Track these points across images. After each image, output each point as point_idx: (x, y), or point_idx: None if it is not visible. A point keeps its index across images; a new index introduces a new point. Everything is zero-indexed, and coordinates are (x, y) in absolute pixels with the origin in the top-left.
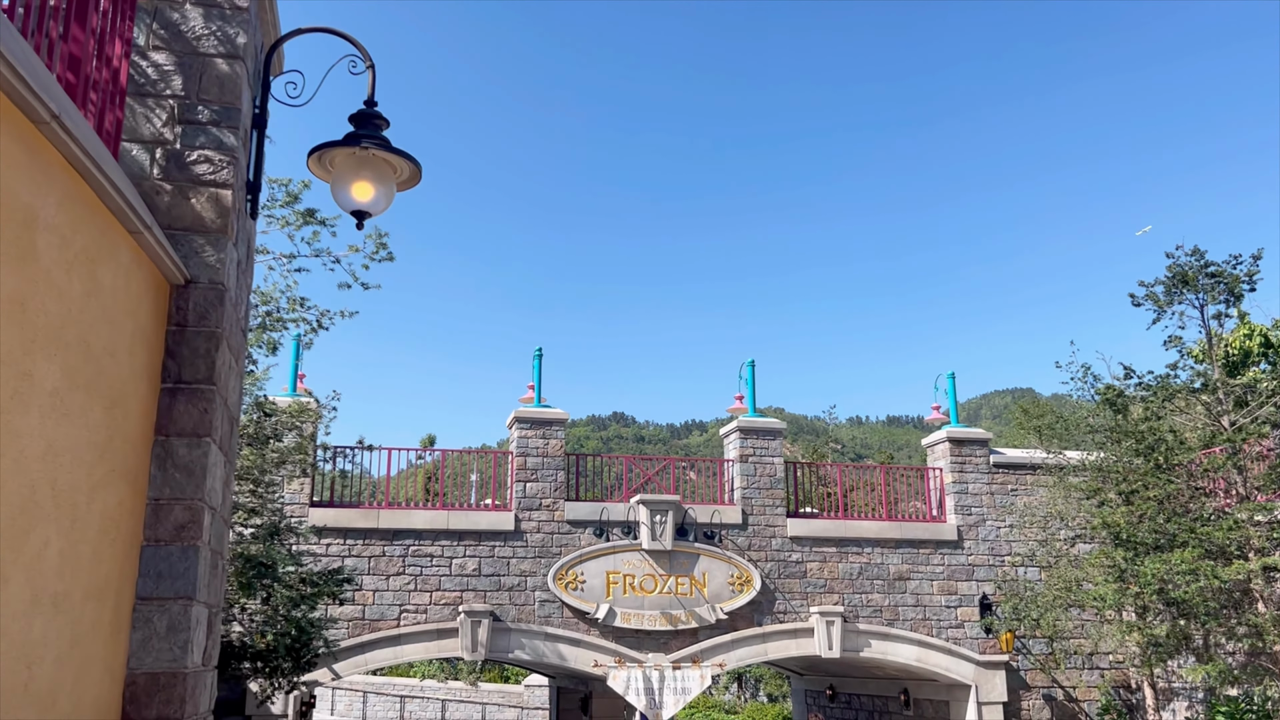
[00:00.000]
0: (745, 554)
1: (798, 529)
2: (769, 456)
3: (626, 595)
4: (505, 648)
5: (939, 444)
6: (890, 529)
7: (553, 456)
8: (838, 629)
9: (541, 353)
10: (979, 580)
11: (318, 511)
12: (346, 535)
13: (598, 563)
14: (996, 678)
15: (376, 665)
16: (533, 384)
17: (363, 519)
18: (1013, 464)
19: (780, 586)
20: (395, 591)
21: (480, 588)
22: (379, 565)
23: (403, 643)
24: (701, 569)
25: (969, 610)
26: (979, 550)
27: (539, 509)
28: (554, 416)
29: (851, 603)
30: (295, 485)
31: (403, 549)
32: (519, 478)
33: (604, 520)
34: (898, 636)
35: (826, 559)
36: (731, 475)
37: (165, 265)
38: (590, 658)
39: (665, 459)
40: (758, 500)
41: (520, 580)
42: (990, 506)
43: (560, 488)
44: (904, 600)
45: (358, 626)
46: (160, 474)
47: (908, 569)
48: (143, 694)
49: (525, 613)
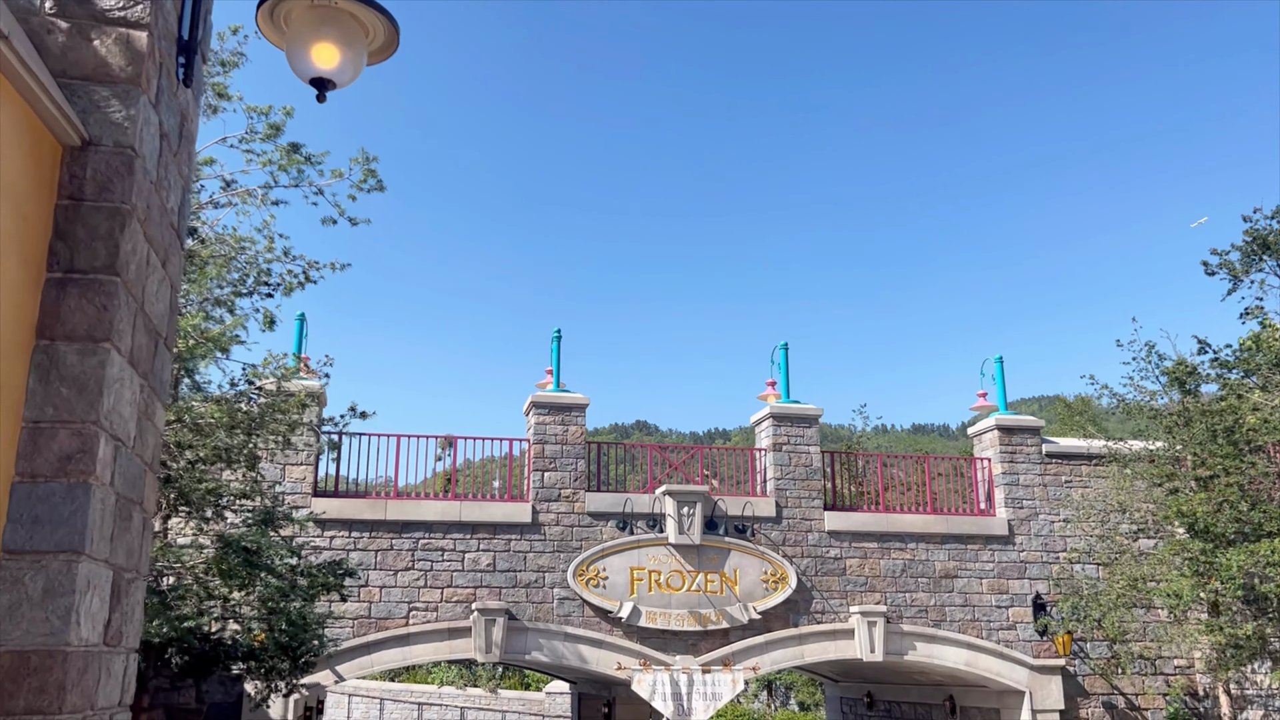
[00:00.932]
0: (779, 549)
1: (836, 523)
2: (804, 445)
3: (652, 593)
4: (522, 649)
5: (986, 432)
6: (936, 523)
7: (572, 444)
8: (880, 630)
9: (560, 335)
10: (1031, 578)
11: (321, 501)
12: (351, 527)
13: (621, 558)
14: (1052, 683)
15: (383, 667)
16: (551, 368)
17: (369, 510)
18: (1066, 454)
19: (817, 584)
20: (404, 588)
21: (495, 584)
22: (386, 560)
23: (412, 643)
24: (732, 565)
25: (1021, 610)
26: (1031, 546)
27: (558, 500)
28: (573, 401)
29: (894, 602)
30: (298, 473)
31: (412, 542)
32: (536, 467)
33: (627, 512)
34: (945, 639)
35: (867, 555)
36: (764, 465)
37: (54, 120)
38: (613, 660)
39: (693, 447)
40: (792, 492)
41: (538, 576)
42: (1043, 499)
43: (580, 477)
44: (951, 600)
45: (363, 625)
46: (41, 388)
47: (955, 566)
48: (8, 678)
49: (543, 611)
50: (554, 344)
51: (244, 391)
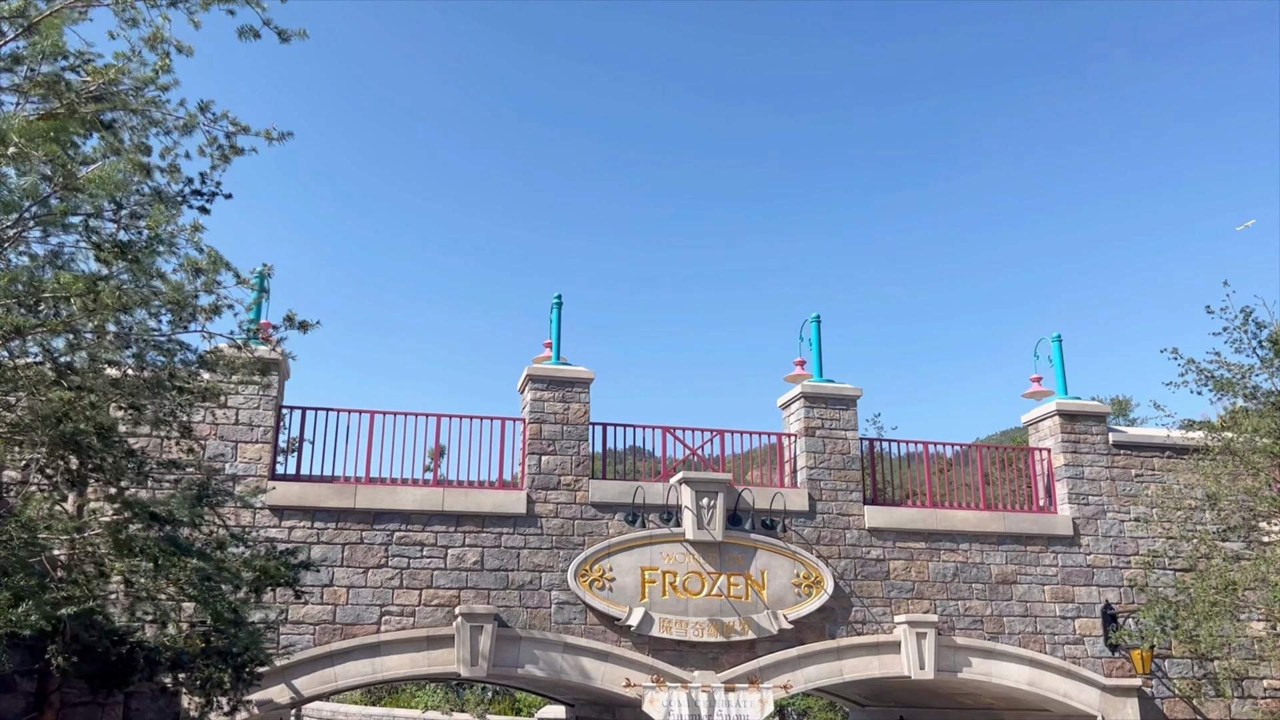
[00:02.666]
0: (813, 548)
1: (878, 519)
2: (841, 430)
3: (666, 597)
4: (513, 661)
5: (1045, 419)
6: (991, 520)
7: (574, 424)
8: (930, 643)
9: (560, 301)
10: (1100, 585)
11: (279, 486)
12: (314, 516)
13: (630, 556)
14: (1128, 707)
15: (349, 682)
16: (550, 341)
17: (335, 496)
18: (1137, 444)
19: (857, 589)
20: (375, 588)
21: (483, 585)
22: (355, 555)
23: (383, 653)
24: (759, 566)
25: (1089, 622)
26: (1099, 548)
27: (557, 488)
28: (576, 376)
29: (945, 611)
30: (252, 452)
31: (386, 535)
32: (532, 450)
33: (638, 503)
34: (1004, 654)
35: (914, 556)
36: (794, 453)
37: None
38: (620, 675)
39: (714, 430)
40: (827, 483)
41: (533, 576)
42: (1111, 495)
43: (583, 463)
44: (1009, 609)
45: (326, 632)
46: None
47: (1013, 570)
48: None
49: (539, 617)
50: (554, 311)
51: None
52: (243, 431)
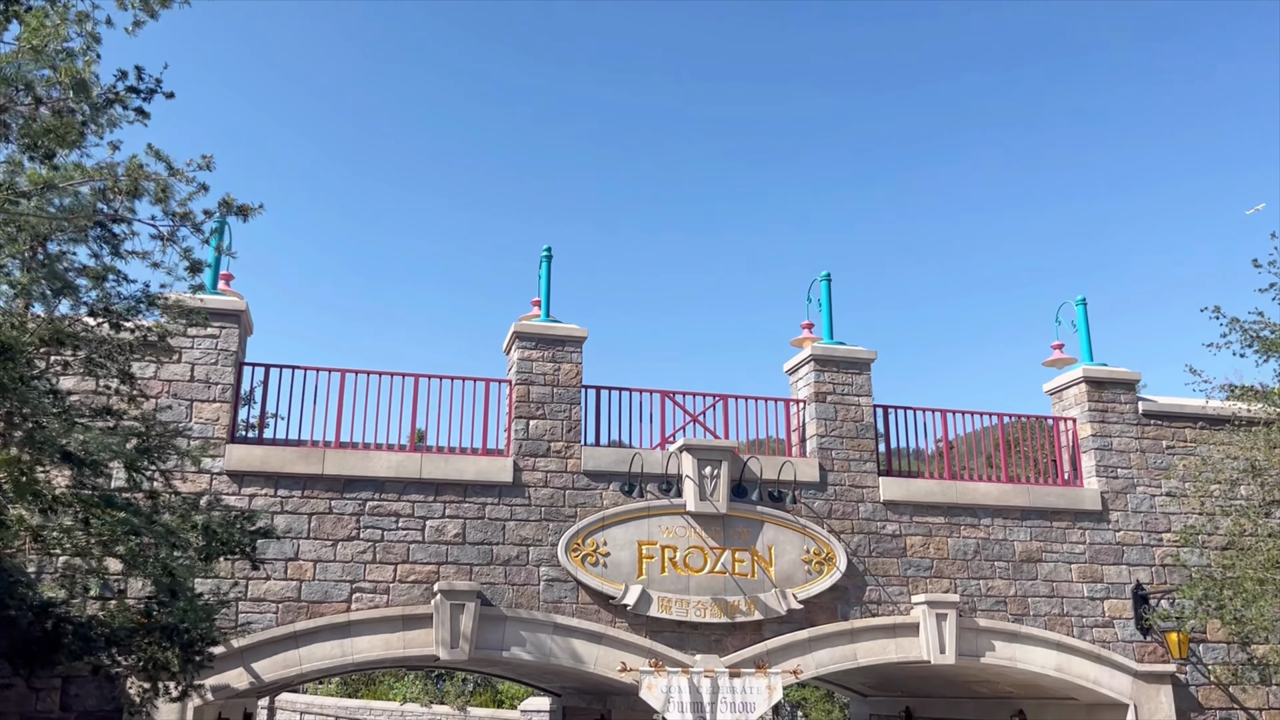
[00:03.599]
0: (824, 522)
1: (893, 491)
2: (854, 395)
3: (665, 574)
4: (498, 643)
5: (1071, 386)
6: (1015, 494)
7: (565, 387)
8: (950, 625)
9: (550, 255)
10: (1130, 564)
11: (239, 450)
12: (278, 483)
13: (626, 529)
14: (1161, 695)
15: (316, 665)
16: (538, 299)
17: (302, 461)
18: (1168, 414)
19: (871, 567)
20: (345, 563)
21: (464, 560)
22: (323, 526)
23: (354, 634)
24: (766, 540)
25: (1119, 603)
26: (1129, 524)
27: (546, 455)
28: (567, 334)
29: (966, 590)
30: (209, 412)
31: (357, 505)
32: (519, 413)
33: (635, 472)
34: (1029, 637)
35: (932, 532)
36: (803, 420)
37: None
38: (615, 659)
39: (717, 395)
40: (839, 452)
41: (520, 551)
42: (1141, 468)
43: (575, 428)
44: (1035, 589)
45: (290, 610)
46: None
47: (1038, 547)
48: None
49: (526, 595)
50: (543, 266)
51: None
52: (198, 389)
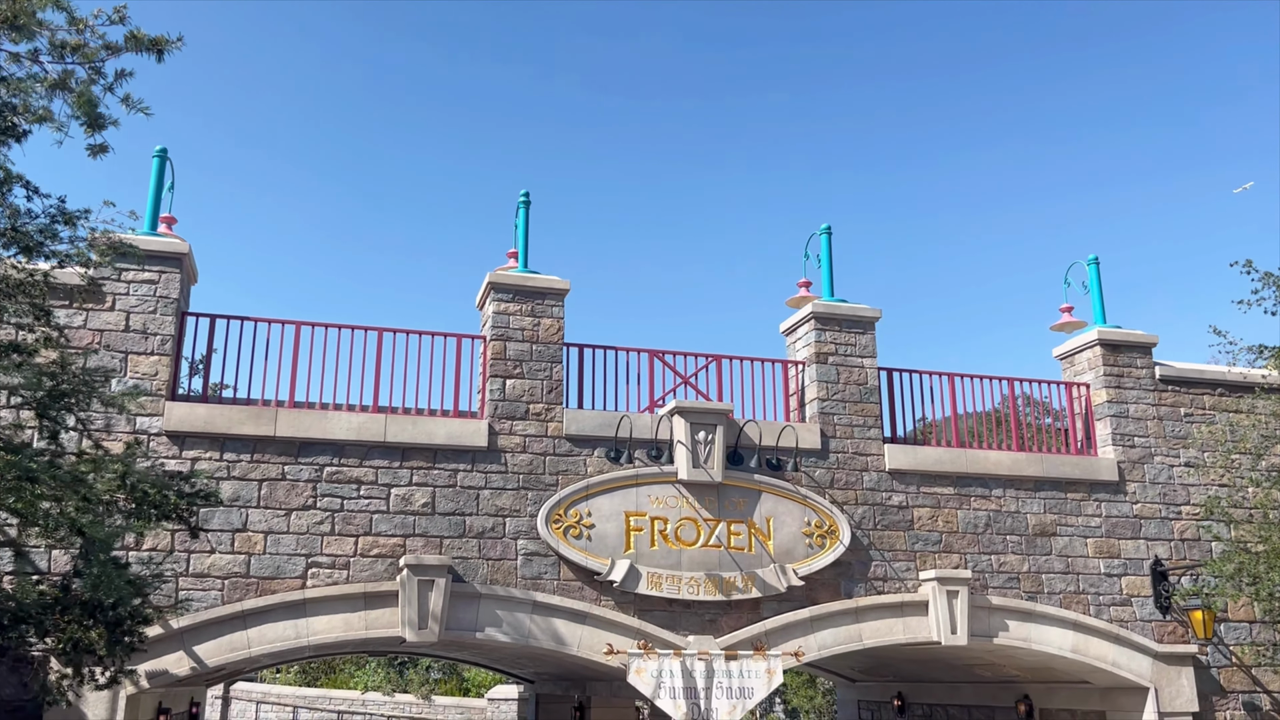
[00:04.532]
0: (826, 492)
1: (900, 459)
2: (857, 356)
3: (655, 548)
4: (471, 624)
5: (1084, 350)
6: (1028, 463)
7: (546, 344)
8: (962, 604)
9: (528, 200)
10: (1148, 538)
11: (180, 408)
12: (225, 445)
13: (612, 499)
14: (1183, 677)
15: (267, 649)
16: (515, 250)
17: (251, 421)
18: (1186, 379)
19: (876, 540)
20: (300, 535)
21: (434, 532)
22: (276, 494)
23: (309, 613)
24: (764, 512)
25: (1137, 580)
26: (1147, 496)
27: (525, 417)
28: (548, 285)
29: (976, 566)
30: (147, 365)
31: (314, 470)
32: (495, 372)
33: (623, 437)
34: (1044, 616)
35: (940, 503)
36: (802, 383)
37: None
38: (600, 640)
39: (710, 355)
40: (842, 418)
41: (495, 522)
42: (1159, 436)
43: (556, 389)
44: (1049, 564)
45: (238, 587)
46: None
47: (1053, 520)
48: None
49: (502, 571)
50: (520, 213)
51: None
52: (134, 340)
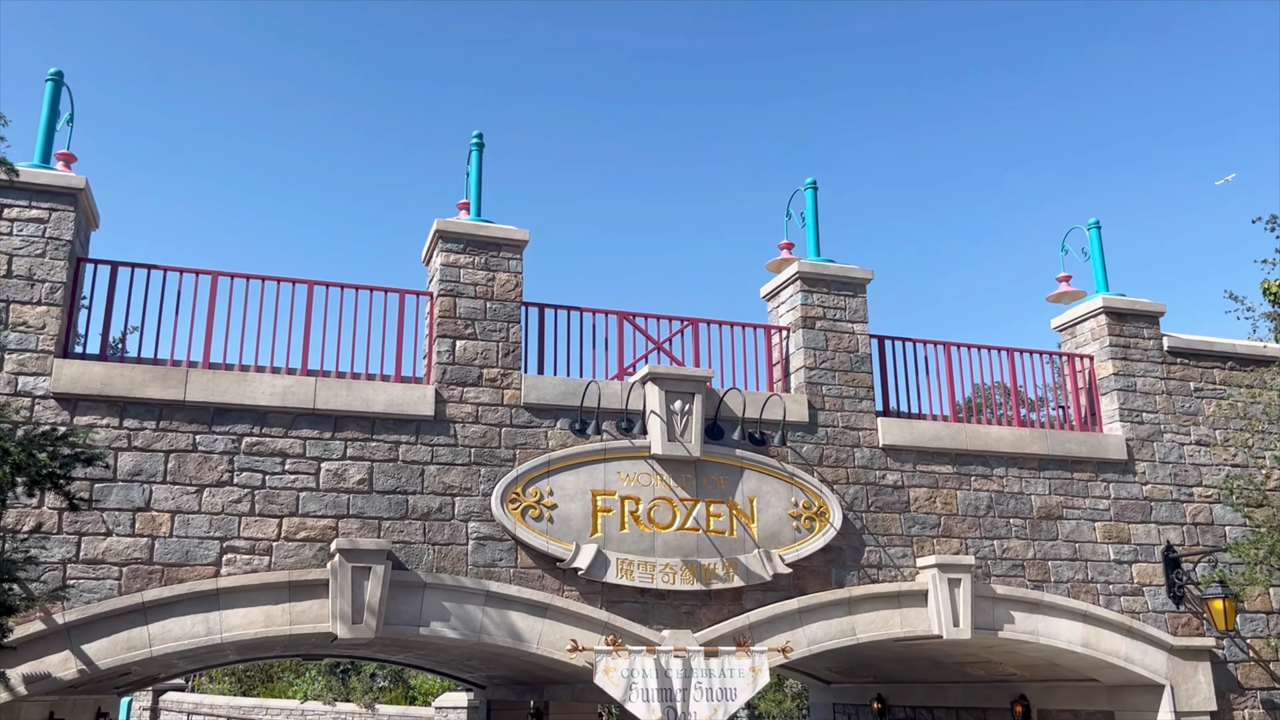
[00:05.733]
0: (815, 470)
1: (894, 434)
2: (847, 321)
3: (625, 531)
4: (414, 618)
5: (1087, 319)
6: (1031, 439)
7: (502, 301)
8: (965, 593)
9: (482, 143)
10: (1159, 522)
11: (71, 367)
12: (125, 411)
13: (577, 475)
14: (1200, 673)
15: (172, 647)
16: (466, 202)
17: (158, 383)
18: (1195, 351)
19: (870, 524)
20: (214, 515)
21: (371, 512)
22: (185, 468)
23: (224, 605)
24: (747, 491)
25: (1148, 568)
26: (1157, 476)
27: (477, 383)
28: (504, 236)
29: (979, 552)
30: (33, 316)
31: (230, 441)
32: (444, 331)
33: (589, 406)
34: (1052, 606)
35: (938, 483)
36: (787, 350)
37: None
38: (563, 636)
39: (685, 319)
40: (831, 389)
41: (443, 502)
42: (1168, 412)
43: (514, 352)
44: (1055, 550)
45: (139, 575)
46: None
47: (1058, 502)
48: None
49: (450, 557)
50: (472, 155)
51: None
52: (18, 287)
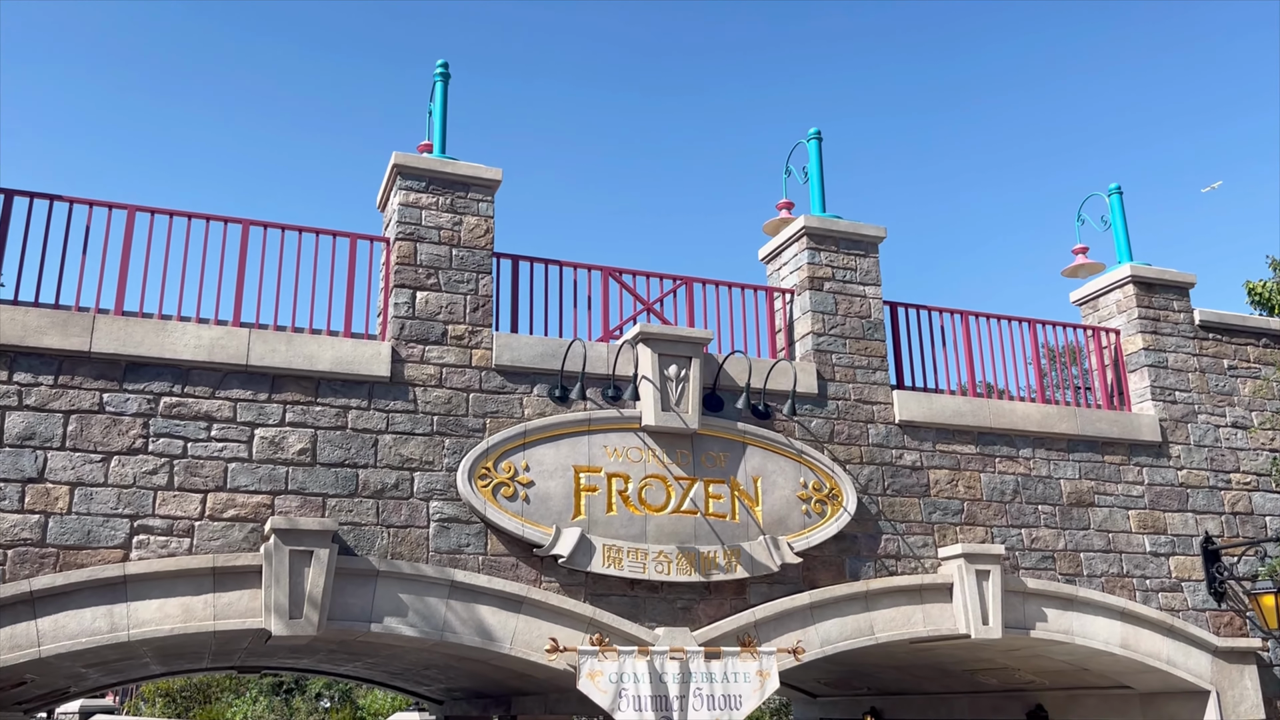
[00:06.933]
0: (825, 447)
1: (911, 409)
2: (859, 284)
3: (613, 513)
4: (364, 612)
5: (1112, 290)
6: (1059, 417)
7: (471, 249)
8: (994, 586)
9: (447, 73)
10: (1196, 511)
11: None
12: (16, 363)
13: (557, 449)
14: (1246, 677)
15: (66, 645)
16: (429, 143)
17: (57, 331)
18: (1228, 326)
19: (886, 509)
20: (124, 488)
21: (314, 488)
22: (89, 432)
23: (132, 595)
24: (750, 469)
25: (1186, 561)
26: (1193, 461)
27: (442, 341)
28: (473, 174)
29: (1006, 541)
30: None
31: (146, 402)
32: (402, 280)
33: (571, 370)
34: (1087, 603)
35: (960, 464)
36: (791, 315)
37: None
38: (541, 634)
39: (679, 277)
40: (842, 357)
41: (400, 477)
42: (1202, 391)
43: (485, 306)
44: (1087, 541)
45: (29, 559)
46: None
47: (1089, 488)
48: None
49: (408, 542)
50: (436, 88)
51: None
52: None
